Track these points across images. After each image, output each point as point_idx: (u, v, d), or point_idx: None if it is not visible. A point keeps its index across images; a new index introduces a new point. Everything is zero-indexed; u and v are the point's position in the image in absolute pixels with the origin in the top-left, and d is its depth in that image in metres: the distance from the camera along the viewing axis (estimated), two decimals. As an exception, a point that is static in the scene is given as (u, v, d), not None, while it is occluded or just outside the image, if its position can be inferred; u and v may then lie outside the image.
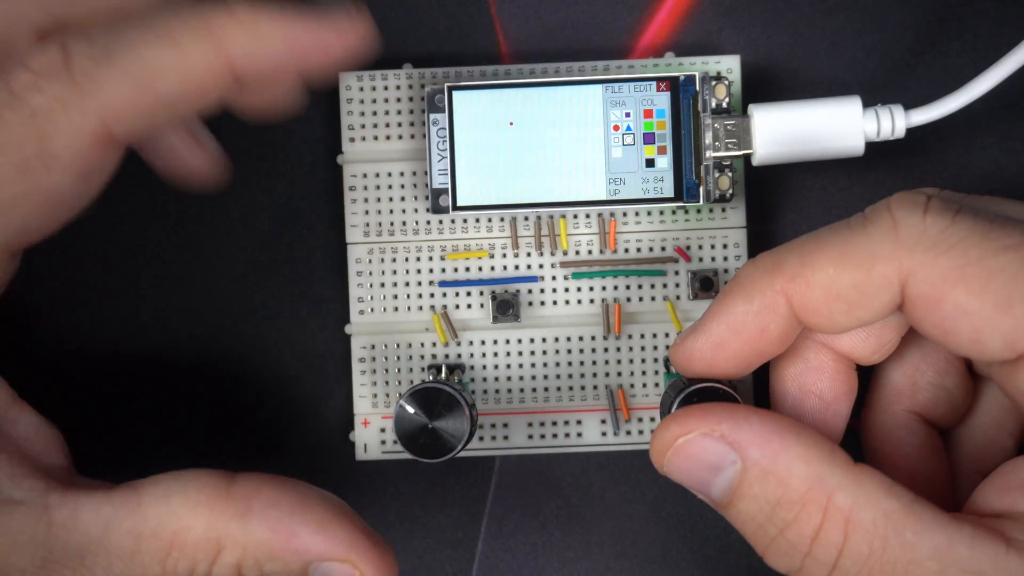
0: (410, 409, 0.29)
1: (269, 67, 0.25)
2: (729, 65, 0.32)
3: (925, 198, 0.25)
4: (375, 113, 0.32)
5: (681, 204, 0.31)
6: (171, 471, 0.27)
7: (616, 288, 0.32)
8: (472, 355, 0.32)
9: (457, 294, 0.32)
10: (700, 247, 0.32)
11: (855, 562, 0.24)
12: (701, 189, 0.31)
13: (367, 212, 0.32)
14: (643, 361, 0.32)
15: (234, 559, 0.26)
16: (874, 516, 0.24)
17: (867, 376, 0.29)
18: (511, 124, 0.31)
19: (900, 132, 0.30)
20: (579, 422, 0.32)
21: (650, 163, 0.31)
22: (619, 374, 0.32)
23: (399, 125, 0.32)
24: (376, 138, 0.32)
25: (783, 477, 0.25)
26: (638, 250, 0.32)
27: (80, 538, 0.25)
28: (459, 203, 0.31)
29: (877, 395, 0.29)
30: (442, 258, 0.32)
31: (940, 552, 0.24)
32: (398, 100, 0.32)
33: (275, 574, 0.27)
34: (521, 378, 0.32)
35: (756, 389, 0.32)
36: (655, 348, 0.32)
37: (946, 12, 0.33)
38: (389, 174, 0.32)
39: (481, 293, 0.32)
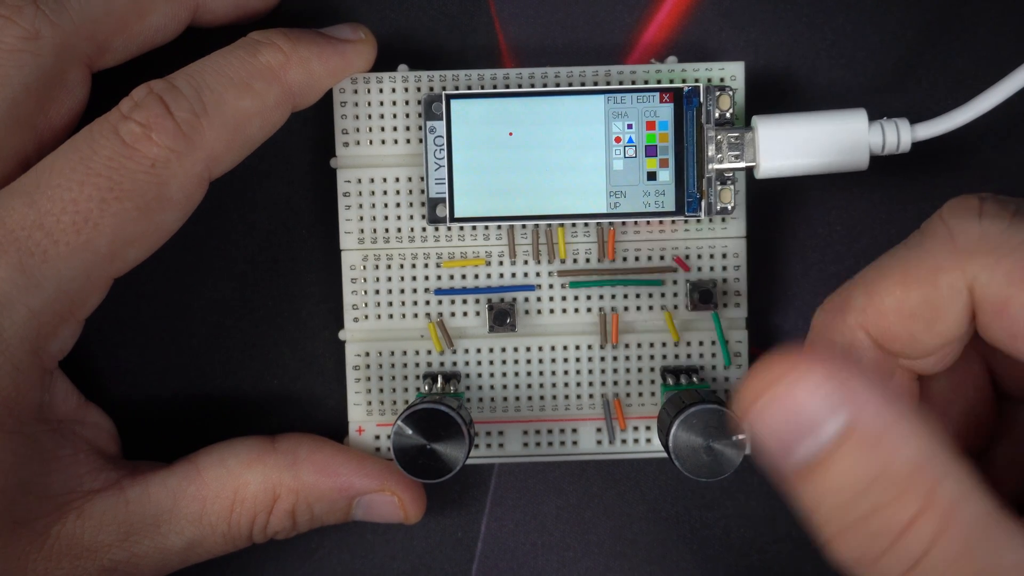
0: (408, 430, 0.29)
1: (317, 93, 0.29)
2: (733, 71, 0.31)
3: (978, 202, 0.25)
4: (370, 117, 0.31)
5: (683, 218, 0.30)
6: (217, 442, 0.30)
7: (614, 297, 0.31)
8: (468, 363, 0.32)
9: (453, 302, 0.31)
10: (699, 256, 0.31)
11: (942, 561, 0.21)
12: (703, 203, 0.30)
13: (361, 218, 0.31)
14: (640, 371, 0.32)
15: (289, 505, 0.29)
16: (974, 515, 0.22)
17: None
18: (510, 134, 0.30)
19: (906, 147, 0.30)
20: (575, 431, 0.32)
21: (651, 176, 0.30)
22: (615, 383, 0.32)
23: (394, 129, 0.31)
24: (371, 142, 0.31)
25: (890, 452, 0.21)
26: (636, 259, 0.31)
27: (153, 510, 0.29)
28: (456, 214, 0.30)
29: None
30: (438, 266, 0.31)
31: (1021, 566, 0.21)
32: (393, 103, 0.31)
33: (324, 514, 0.30)
34: (517, 387, 0.32)
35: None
36: (652, 358, 0.32)
37: (945, 11, 0.32)
38: (384, 179, 0.31)
39: (477, 301, 0.31)
